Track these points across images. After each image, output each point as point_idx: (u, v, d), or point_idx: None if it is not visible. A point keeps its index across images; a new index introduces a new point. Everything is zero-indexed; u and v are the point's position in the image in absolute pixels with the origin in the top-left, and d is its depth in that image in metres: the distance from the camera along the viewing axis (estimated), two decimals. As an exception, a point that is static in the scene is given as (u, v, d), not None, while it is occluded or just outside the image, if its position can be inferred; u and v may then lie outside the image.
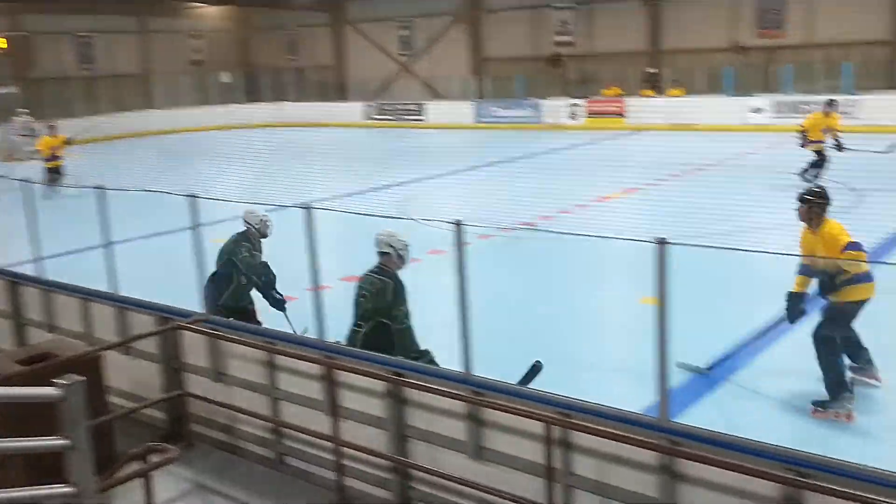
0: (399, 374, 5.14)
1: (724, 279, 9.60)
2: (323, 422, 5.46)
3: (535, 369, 5.61)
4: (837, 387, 6.33)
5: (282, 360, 5.81)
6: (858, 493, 3.57)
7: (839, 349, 6.43)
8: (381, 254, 5.97)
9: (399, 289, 5.79)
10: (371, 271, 5.94)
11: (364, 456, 5.31)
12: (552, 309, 9.34)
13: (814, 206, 6.60)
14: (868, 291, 6.31)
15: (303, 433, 5.66)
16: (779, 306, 8.73)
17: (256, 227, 7.65)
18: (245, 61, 42.10)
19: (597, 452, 4.46)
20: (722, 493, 4.05)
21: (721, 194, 14.17)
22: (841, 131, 15.22)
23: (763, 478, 3.84)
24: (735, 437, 4.05)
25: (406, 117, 34.36)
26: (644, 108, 28.57)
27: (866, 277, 6.31)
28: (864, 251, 6.36)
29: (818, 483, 3.70)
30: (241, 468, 5.95)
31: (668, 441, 4.21)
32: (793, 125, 24.77)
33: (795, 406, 6.59)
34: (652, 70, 30.69)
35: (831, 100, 15.79)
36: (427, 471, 5.07)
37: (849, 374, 6.63)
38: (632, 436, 4.29)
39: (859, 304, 6.33)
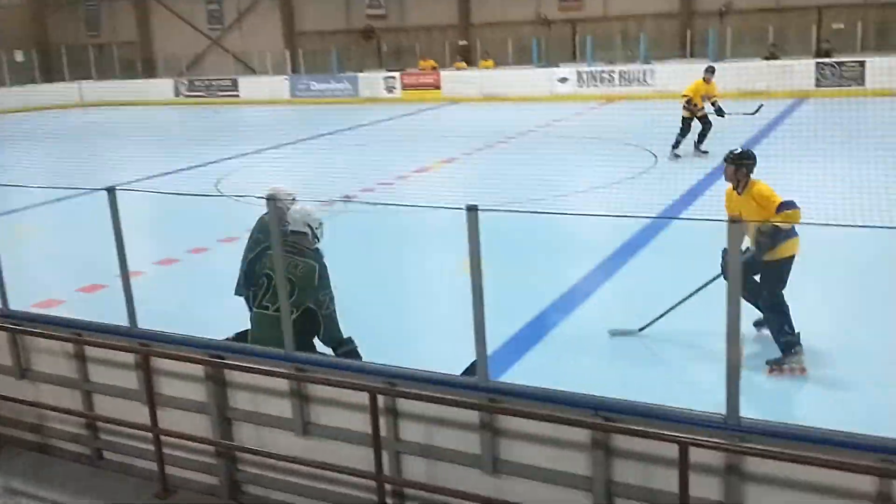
0: (219, 357, 5.02)
1: (543, 242, 10.01)
2: (141, 412, 5.25)
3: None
4: (789, 343, 6.41)
5: (92, 352, 5.52)
6: (662, 431, 3.83)
7: (787, 307, 6.46)
8: (296, 233, 5.46)
9: (324, 271, 5.33)
10: (288, 252, 5.32)
11: (187, 443, 5.16)
12: (378, 280, 9.40)
13: (741, 167, 6.66)
14: (796, 246, 6.46)
15: (120, 425, 5.42)
16: (589, 265, 9.30)
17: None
18: (41, 39, 39.10)
19: (422, 417, 4.56)
20: (538, 443, 4.26)
21: (535, 161, 14.75)
22: (719, 97, 15.44)
23: (574, 425, 4.07)
24: (547, 389, 4.26)
25: (219, 93, 33.28)
26: (458, 80, 29.11)
27: (793, 232, 6.43)
28: (798, 208, 6.38)
29: (623, 425, 3.97)
30: (56, 468, 5.63)
31: (487, 399, 4.36)
32: (595, 94, 26.37)
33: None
34: (463, 42, 31.30)
35: (710, 66, 15.98)
36: (254, 452, 5.00)
37: (754, 330, 6.99)
38: (454, 398, 4.43)
39: (791, 259, 6.45)
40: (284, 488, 4.99)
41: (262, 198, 4.99)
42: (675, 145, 15.42)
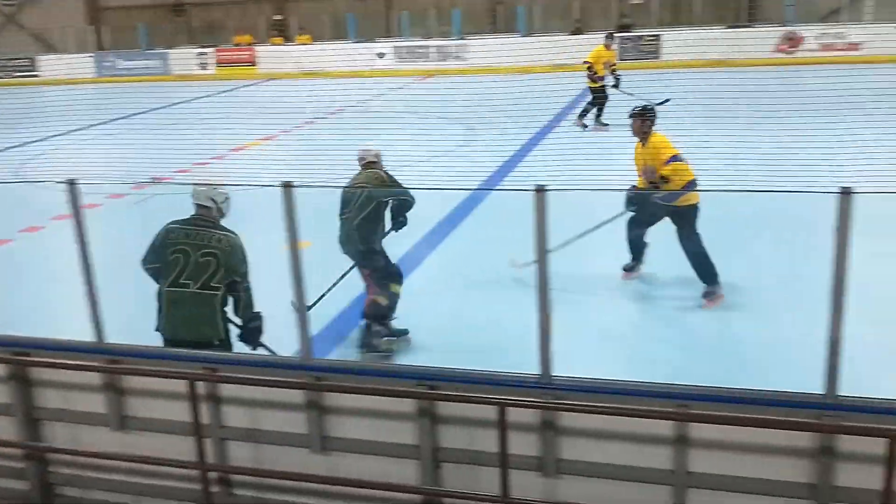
0: (24, 354, 4.72)
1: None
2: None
3: None
4: (712, 273, 7.15)
5: None
6: (482, 395, 3.98)
7: (703, 244, 7.15)
8: (202, 206, 5.21)
9: (242, 244, 5.12)
10: (201, 226, 5.11)
11: (-9, 449, 4.84)
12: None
13: (646, 120, 7.36)
14: (696, 197, 7.14)
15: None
16: (414, 238, 9.41)
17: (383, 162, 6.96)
18: None
19: (245, 401, 4.49)
20: (365, 416, 4.30)
21: (356, 137, 14.64)
22: (616, 66, 15.28)
23: (399, 396, 4.14)
24: (372, 363, 4.31)
25: (17, 74, 30.87)
26: (275, 55, 28.48)
27: (695, 184, 7.08)
28: (683, 161, 7.02)
29: (446, 392, 4.08)
30: None
31: (313, 378, 4.35)
32: (413, 69, 26.56)
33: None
34: (278, 17, 30.63)
35: (610, 33, 15.72)
36: (67, 452, 4.75)
37: (623, 272, 7.75)
38: (278, 378, 4.39)
39: (697, 206, 7.15)
40: (103, 486, 4.78)
41: (62, 182, 4.68)
42: (588, 115, 15.17)
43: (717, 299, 7.19)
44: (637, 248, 7.75)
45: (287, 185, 4.25)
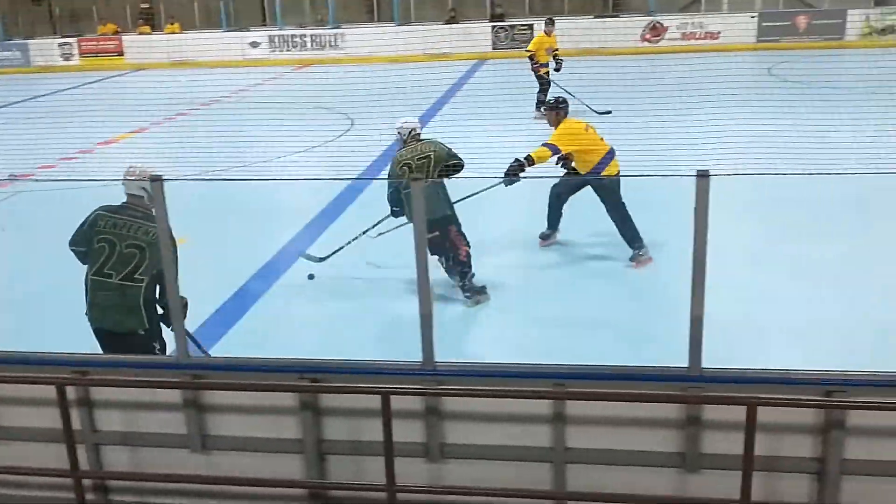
0: None
1: (247, 210, 9.81)
2: None
3: None
4: (637, 238, 7.71)
5: None
6: (365, 385, 3.99)
7: (627, 211, 7.68)
8: (133, 196, 4.96)
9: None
10: (130, 217, 4.89)
11: None
12: (64, 263, 8.71)
13: (560, 111, 8.08)
14: (616, 166, 7.81)
15: None
16: (296, 229, 9.30)
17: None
18: None
19: (121, 403, 4.35)
20: (247, 413, 4.24)
21: (231, 128, 14.34)
22: (559, 51, 15.32)
23: (279, 390, 4.11)
24: (250, 358, 4.25)
25: None
26: (143, 45, 27.47)
27: (611, 155, 7.81)
28: (547, 148, 7.66)
29: (327, 384, 4.07)
30: None
31: (190, 376, 4.26)
32: (289, 58, 26.15)
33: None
34: (145, 6, 29.56)
35: (550, 18, 15.88)
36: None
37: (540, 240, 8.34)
38: (154, 379, 4.27)
39: (618, 175, 7.78)
40: (-32, 502, 4.54)
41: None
42: (539, 104, 14.85)
43: (645, 261, 7.73)
44: (555, 217, 8.26)
45: (156, 179, 4.13)
